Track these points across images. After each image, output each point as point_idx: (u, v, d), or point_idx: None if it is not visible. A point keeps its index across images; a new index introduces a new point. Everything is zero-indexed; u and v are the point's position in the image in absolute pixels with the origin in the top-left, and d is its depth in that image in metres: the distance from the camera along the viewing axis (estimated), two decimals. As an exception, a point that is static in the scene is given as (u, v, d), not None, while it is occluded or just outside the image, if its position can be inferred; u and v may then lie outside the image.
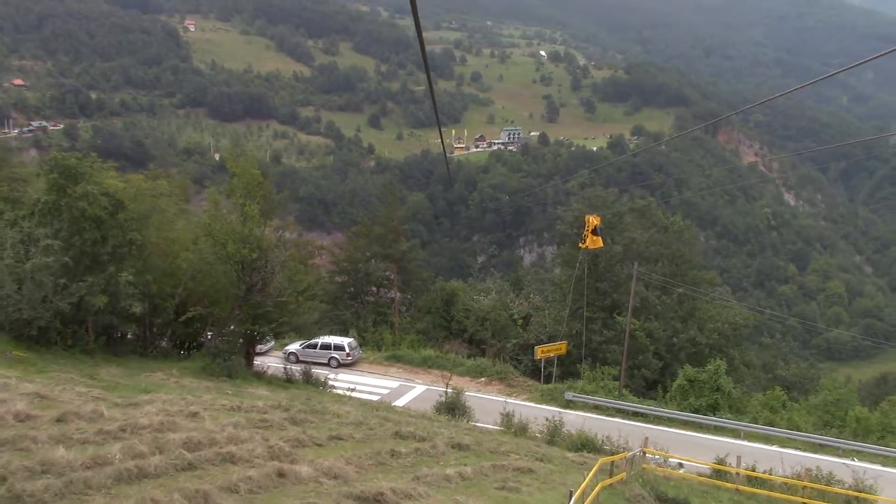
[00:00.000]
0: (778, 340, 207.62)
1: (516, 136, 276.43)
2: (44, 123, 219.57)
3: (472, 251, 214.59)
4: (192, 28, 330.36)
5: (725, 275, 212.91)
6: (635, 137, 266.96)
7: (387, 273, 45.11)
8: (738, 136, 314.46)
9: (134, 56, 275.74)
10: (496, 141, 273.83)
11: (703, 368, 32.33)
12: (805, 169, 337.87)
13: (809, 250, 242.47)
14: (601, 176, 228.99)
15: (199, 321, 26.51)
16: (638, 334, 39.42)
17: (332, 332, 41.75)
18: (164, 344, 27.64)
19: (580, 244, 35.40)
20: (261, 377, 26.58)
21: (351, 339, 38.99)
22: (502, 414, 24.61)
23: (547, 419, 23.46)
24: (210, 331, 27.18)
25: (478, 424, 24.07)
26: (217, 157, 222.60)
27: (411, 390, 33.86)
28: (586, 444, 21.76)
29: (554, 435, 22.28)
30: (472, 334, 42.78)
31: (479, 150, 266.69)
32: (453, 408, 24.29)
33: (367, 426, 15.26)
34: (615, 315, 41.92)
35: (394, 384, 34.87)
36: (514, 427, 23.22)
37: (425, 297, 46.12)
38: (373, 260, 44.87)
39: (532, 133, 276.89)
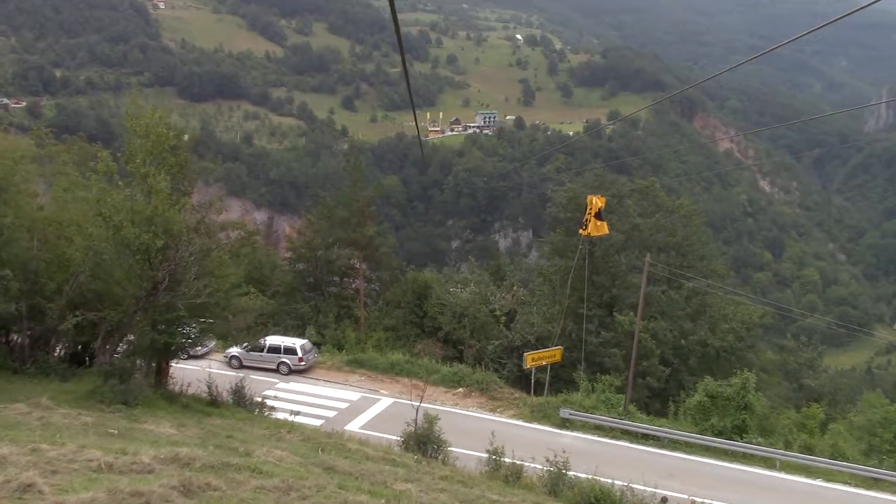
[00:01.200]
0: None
1: (492, 119, 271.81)
2: (5, 101, 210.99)
3: (446, 236, 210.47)
4: (161, 5, 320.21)
5: (702, 262, 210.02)
6: (612, 122, 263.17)
7: (351, 261, 39.78)
8: (714, 122, 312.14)
9: (101, 33, 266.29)
10: (472, 124, 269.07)
11: (726, 381, 27.03)
12: (780, 156, 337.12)
13: (785, 237, 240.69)
14: (577, 160, 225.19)
15: (90, 329, 20.28)
16: (643, 336, 33.76)
17: (287, 330, 36.61)
18: (53, 357, 21.55)
19: (581, 230, 30.04)
20: (174, 400, 20.53)
21: (305, 341, 33.82)
22: (488, 451, 19.03)
23: (547, 459, 18.05)
24: (106, 341, 20.37)
25: (457, 462, 18.85)
26: (186, 137, 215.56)
27: (375, 404, 28.72)
28: (601, 500, 16.43)
29: (557, 483, 17.11)
30: (448, 333, 37.61)
31: (454, 133, 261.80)
32: (425, 441, 19.05)
33: (300, 493, 10.48)
34: (614, 313, 36.90)
35: (354, 396, 29.72)
36: (503, 471, 17.91)
37: (395, 288, 41.17)
38: (335, 246, 39.32)
39: (508, 117, 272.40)
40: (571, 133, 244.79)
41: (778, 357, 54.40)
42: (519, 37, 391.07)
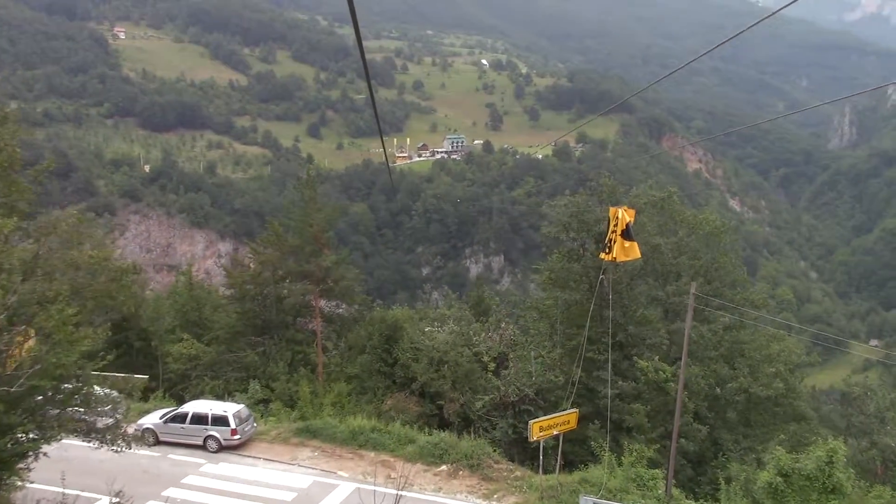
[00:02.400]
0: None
1: (460, 144, 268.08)
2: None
3: (416, 263, 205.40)
4: (121, 35, 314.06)
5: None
6: (580, 145, 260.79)
7: (306, 297, 33.07)
8: (682, 142, 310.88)
9: (59, 64, 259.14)
10: (439, 150, 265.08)
11: (804, 454, 19.55)
12: (748, 175, 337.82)
13: (757, 256, 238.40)
14: (548, 183, 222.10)
15: None
16: (669, 386, 27.45)
17: (228, 385, 29.84)
18: None
19: (602, 254, 22.33)
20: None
21: (240, 407, 25.62)
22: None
23: None
24: None
25: None
26: (147, 168, 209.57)
27: (331, 493, 21.42)
28: None
29: None
30: (425, 384, 30.71)
31: (422, 158, 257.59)
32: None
33: None
34: (633, 357, 29.14)
35: (304, 481, 22.22)
36: None
37: (359, 329, 34.57)
38: (287, 280, 33.33)
39: (476, 141, 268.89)
40: (540, 156, 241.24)
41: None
42: (485, 62, 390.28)
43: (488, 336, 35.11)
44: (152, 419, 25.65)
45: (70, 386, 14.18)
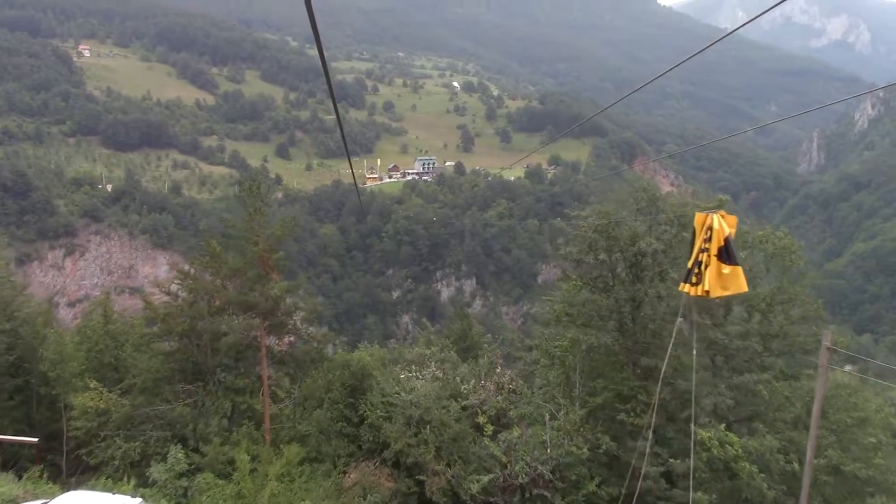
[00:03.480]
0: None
1: (431, 165, 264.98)
2: None
3: (387, 286, 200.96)
4: (86, 53, 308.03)
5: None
6: (553, 167, 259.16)
7: (250, 334, 26.08)
8: (654, 166, 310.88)
9: (20, 81, 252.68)
10: (410, 171, 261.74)
11: None
12: (721, 199, 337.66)
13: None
14: (520, 207, 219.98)
15: None
16: (742, 467, 20.24)
17: (147, 447, 23.34)
18: None
19: (687, 285, 12.89)
20: None
21: (135, 501, 15.19)
22: None
23: None
24: None
25: None
26: (109, 188, 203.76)
27: None
28: None
29: None
30: (400, 452, 23.75)
31: (392, 180, 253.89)
32: None
33: None
34: (686, 422, 21.40)
35: None
36: None
37: (316, 375, 27.94)
38: (226, 313, 26.42)
39: (448, 163, 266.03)
40: (512, 178, 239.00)
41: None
42: (456, 84, 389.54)
43: (481, 385, 28.12)
44: None
45: None
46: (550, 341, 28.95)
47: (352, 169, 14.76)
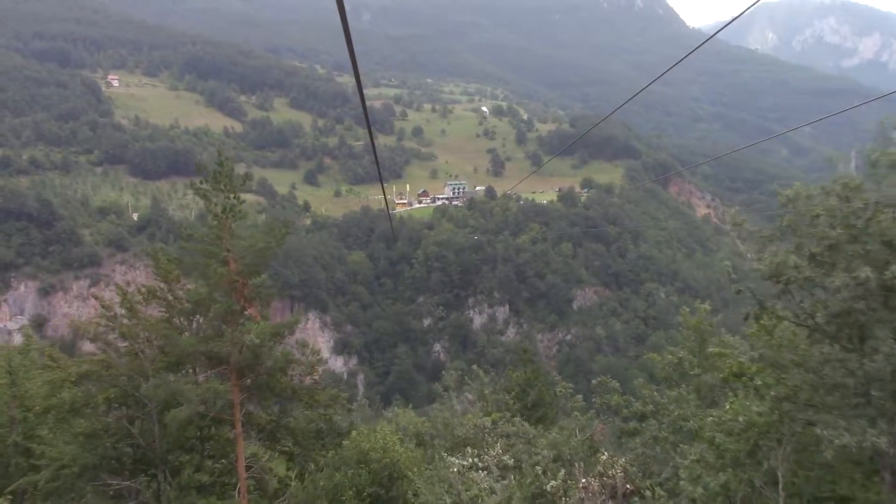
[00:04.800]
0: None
1: (461, 190, 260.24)
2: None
3: (417, 313, 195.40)
4: (115, 83, 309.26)
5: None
6: (586, 190, 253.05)
7: (220, 402, 17.98)
8: (690, 188, 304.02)
9: (49, 111, 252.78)
10: (440, 196, 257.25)
11: None
12: (756, 221, 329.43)
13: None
14: (554, 231, 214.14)
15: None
16: None
17: None
18: None
19: None
20: None
21: None
22: None
23: None
24: None
25: None
26: (135, 216, 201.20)
27: None
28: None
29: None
30: None
31: (422, 205, 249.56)
32: None
33: None
34: None
35: None
36: None
37: (318, 458, 19.39)
38: (182, 369, 18.98)
39: (478, 187, 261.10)
40: (545, 201, 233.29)
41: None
42: (485, 108, 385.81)
43: (577, 483, 16.46)
44: None
45: None
46: (720, 421, 16.87)
47: (384, 194, 15.31)
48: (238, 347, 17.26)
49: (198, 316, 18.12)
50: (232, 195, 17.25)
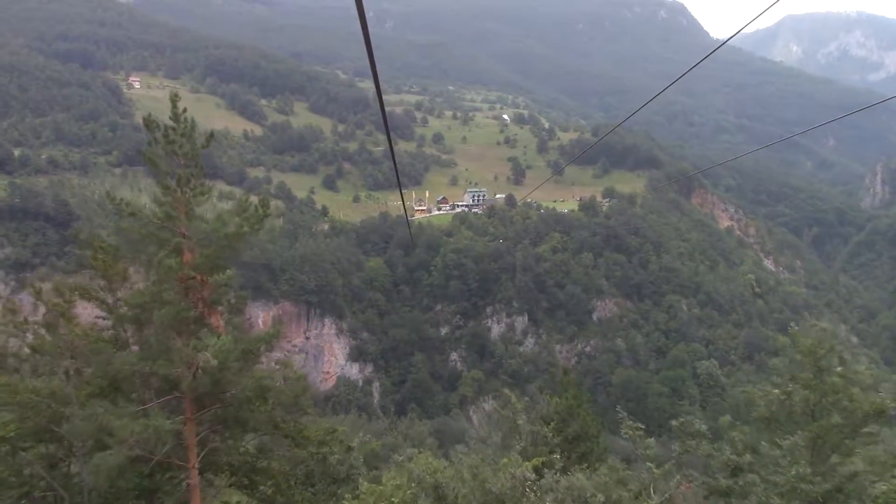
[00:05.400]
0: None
1: (481, 197, 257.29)
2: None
3: (434, 322, 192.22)
4: (136, 85, 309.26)
5: (711, 347, 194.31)
6: (607, 200, 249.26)
7: (168, 444, 13.30)
8: (713, 200, 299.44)
9: (69, 112, 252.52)
10: (460, 203, 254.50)
11: None
12: (780, 234, 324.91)
13: (797, 319, 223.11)
14: (574, 240, 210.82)
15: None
16: None
17: None
18: None
19: None
20: None
21: None
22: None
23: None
24: None
25: None
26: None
27: None
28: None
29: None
30: None
31: (441, 212, 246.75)
32: None
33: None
34: None
35: None
36: None
37: None
38: (119, 398, 14.15)
39: (498, 195, 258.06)
40: (566, 210, 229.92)
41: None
42: (506, 116, 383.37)
43: None
44: None
45: None
46: None
47: (403, 200, 12.65)
48: (191, 370, 13.00)
49: (140, 326, 14.52)
50: (194, 166, 13.94)
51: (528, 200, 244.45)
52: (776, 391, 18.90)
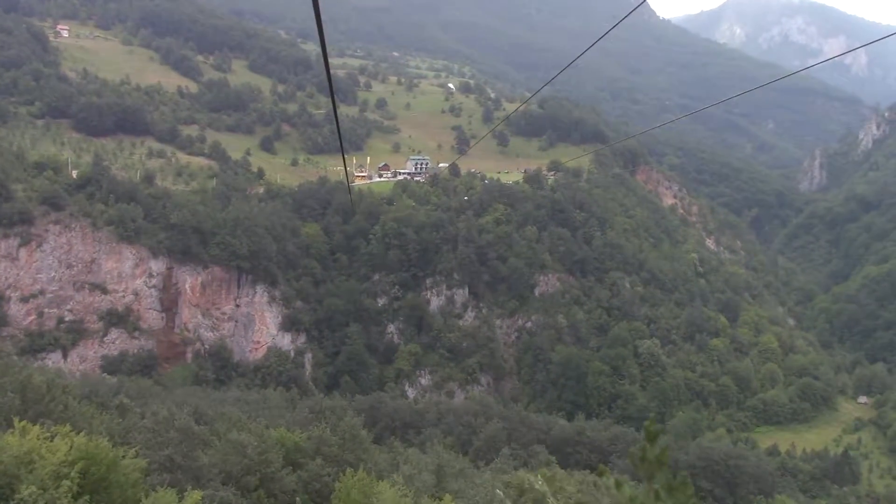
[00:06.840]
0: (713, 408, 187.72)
1: (424, 165, 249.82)
2: None
3: (372, 292, 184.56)
4: (64, 33, 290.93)
5: (653, 325, 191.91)
6: (553, 172, 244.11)
7: None
8: (658, 177, 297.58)
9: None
10: (402, 171, 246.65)
11: None
12: (722, 214, 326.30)
13: (738, 300, 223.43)
14: (518, 213, 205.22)
15: None
16: None
17: None
18: None
19: None
20: None
21: None
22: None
23: None
24: None
25: None
26: (75, 174, 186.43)
27: None
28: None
29: None
30: None
31: (382, 179, 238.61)
32: None
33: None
34: None
35: None
36: None
37: None
38: None
39: (441, 164, 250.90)
40: (511, 182, 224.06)
41: None
42: (451, 85, 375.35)
43: None
44: None
45: None
46: None
47: (345, 165, 11.22)
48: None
49: None
50: None
51: (473, 170, 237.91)
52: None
